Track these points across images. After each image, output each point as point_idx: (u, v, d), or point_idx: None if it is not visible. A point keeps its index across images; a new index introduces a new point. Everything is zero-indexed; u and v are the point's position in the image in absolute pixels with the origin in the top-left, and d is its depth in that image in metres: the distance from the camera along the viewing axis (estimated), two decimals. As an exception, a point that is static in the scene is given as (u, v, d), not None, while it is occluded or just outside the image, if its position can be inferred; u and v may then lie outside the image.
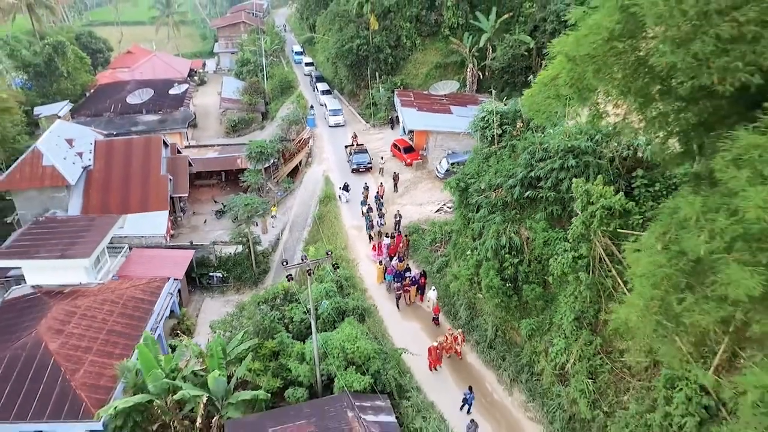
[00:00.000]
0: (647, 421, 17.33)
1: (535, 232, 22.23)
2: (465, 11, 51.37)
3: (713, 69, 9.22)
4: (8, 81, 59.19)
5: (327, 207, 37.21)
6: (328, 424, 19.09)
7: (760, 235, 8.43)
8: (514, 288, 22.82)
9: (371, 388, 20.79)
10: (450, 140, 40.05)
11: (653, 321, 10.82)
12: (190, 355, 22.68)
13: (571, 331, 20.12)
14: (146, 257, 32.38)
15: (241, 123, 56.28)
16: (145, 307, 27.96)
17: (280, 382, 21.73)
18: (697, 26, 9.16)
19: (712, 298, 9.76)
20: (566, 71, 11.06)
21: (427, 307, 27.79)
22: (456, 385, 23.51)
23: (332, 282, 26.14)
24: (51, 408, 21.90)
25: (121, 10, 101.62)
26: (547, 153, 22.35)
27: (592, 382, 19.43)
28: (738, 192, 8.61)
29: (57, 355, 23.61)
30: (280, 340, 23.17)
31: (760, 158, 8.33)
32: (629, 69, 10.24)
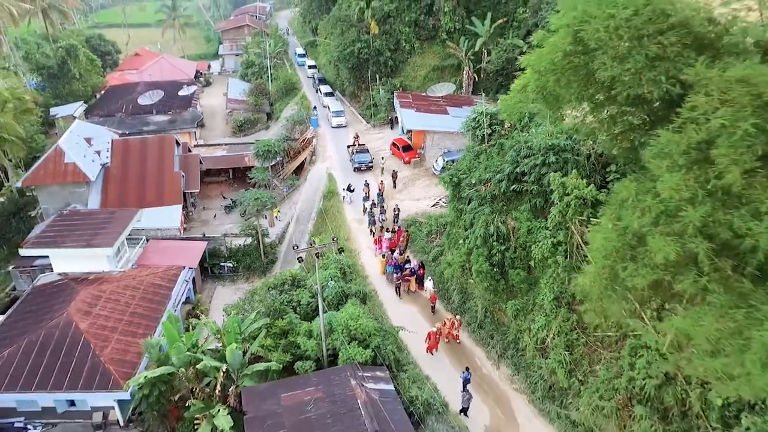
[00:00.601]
0: (615, 385, 19.76)
1: (520, 222, 24.62)
2: (461, 16, 53.81)
3: (644, 81, 11.64)
4: (24, 82, 61.52)
5: (330, 202, 39.65)
6: (333, 390, 21.49)
7: (675, 211, 10.84)
8: (501, 273, 25.21)
9: (372, 360, 23.22)
10: (446, 139, 42.41)
11: (603, 285, 13.24)
12: (208, 332, 25.06)
13: (550, 310, 22.53)
14: (162, 248, 34.79)
15: (246, 123, 58.66)
16: (164, 292, 30.37)
17: (289, 356, 24.08)
18: (631, 47, 11.58)
19: (646, 264, 12.17)
20: (533, 81, 13.46)
21: (426, 295, 30.13)
22: (450, 363, 25.88)
23: (336, 269, 28.56)
24: (83, 380, 24.29)
25: (128, 13, 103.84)
26: (531, 150, 24.70)
27: (569, 354, 21.84)
28: (659, 177, 11.03)
29: (87, 333, 26.01)
30: (289, 320, 25.57)
31: (675, 151, 10.74)
32: (582, 79, 12.65)
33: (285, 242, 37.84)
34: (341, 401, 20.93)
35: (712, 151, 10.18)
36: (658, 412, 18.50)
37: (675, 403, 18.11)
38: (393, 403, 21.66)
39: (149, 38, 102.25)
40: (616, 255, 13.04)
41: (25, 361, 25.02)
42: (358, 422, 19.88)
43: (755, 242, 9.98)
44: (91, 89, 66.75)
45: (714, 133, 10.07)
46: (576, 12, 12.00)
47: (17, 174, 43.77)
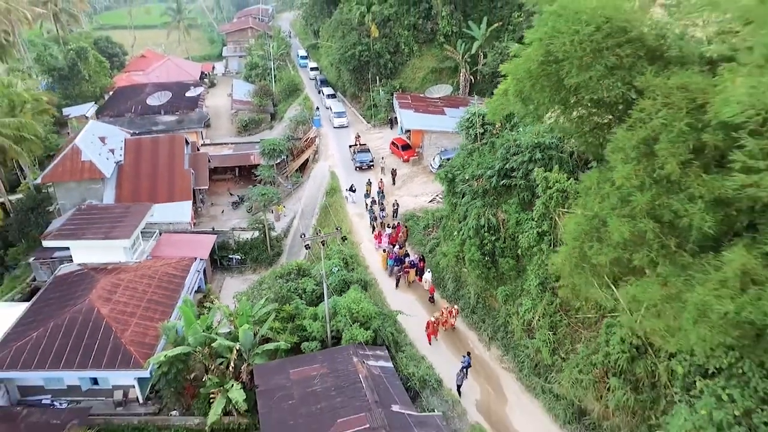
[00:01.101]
0: (592, 361, 21.77)
1: (509, 214, 26.67)
2: (458, 20, 55.77)
3: (604, 86, 13.71)
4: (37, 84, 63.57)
5: (333, 198, 41.71)
6: (337, 366, 23.58)
7: (627, 196, 12.91)
8: (492, 261, 27.24)
9: (372, 341, 25.29)
10: (443, 139, 44.46)
11: (573, 263, 15.30)
12: (221, 315, 27.12)
13: (536, 294, 24.57)
14: (174, 241, 36.86)
15: (251, 123, 60.74)
16: (177, 281, 32.43)
17: (296, 338, 26.14)
18: (593, 58, 13.65)
19: (608, 244, 14.24)
20: (513, 86, 15.52)
21: (425, 286, 32.05)
22: (446, 348, 27.81)
23: (339, 259, 30.62)
24: (106, 359, 26.33)
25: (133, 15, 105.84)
26: (519, 148, 26.74)
27: (553, 334, 23.87)
28: (615, 168, 13.10)
29: (108, 318, 28.07)
30: (296, 306, 27.64)
31: (627, 146, 12.80)
32: (553, 85, 14.71)
33: (290, 236, 39.91)
34: (344, 376, 23.01)
35: (656, 146, 12.24)
36: (630, 383, 20.54)
37: (645, 374, 20.15)
38: (391, 379, 23.76)
39: (154, 39, 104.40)
40: (584, 237, 15.12)
41: (51, 342, 27.07)
42: (359, 394, 21.96)
43: (691, 221, 12.04)
44: (99, 90, 68.94)
45: (657, 131, 12.13)
46: (547, 28, 14.06)
47: (33, 171, 45.84)
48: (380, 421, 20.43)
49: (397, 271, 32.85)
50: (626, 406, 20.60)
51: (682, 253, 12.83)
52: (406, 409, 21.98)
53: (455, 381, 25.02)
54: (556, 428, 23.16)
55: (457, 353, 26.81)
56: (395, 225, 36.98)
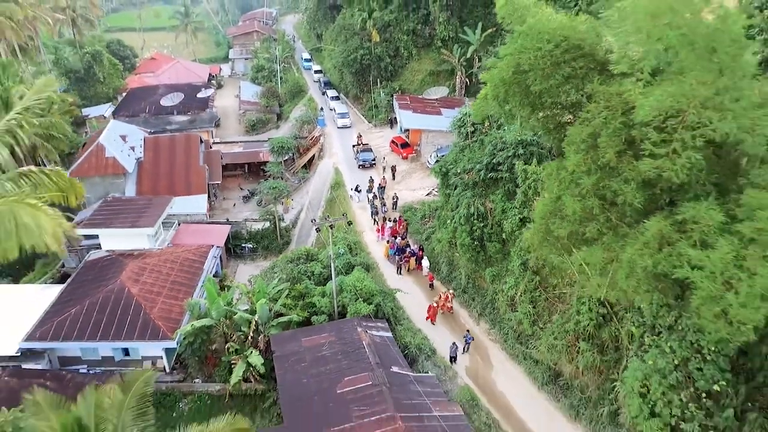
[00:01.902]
0: (565, 328, 25.09)
1: (495, 203, 29.99)
2: (455, 26, 59.06)
3: (561, 92, 17.03)
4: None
5: (337, 192, 45.05)
6: (343, 335, 26.92)
7: (577, 179, 16.24)
8: (480, 245, 30.56)
9: (374, 315, 28.62)
10: (440, 137, 47.75)
11: (540, 237, 18.63)
12: (239, 294, 30.45)
13: (519, 273, 27.89)
14: (192, 230, 40.21)
15: (258, 123, 64.06)
16: (197, 265, 35.74)
17: (306, 313, 29.47)
18: (552, 69, 16.96)
19: (566, 219, 17.56)
20: (491, 91, 18.80)
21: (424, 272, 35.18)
22: (443, 328, 30.89)
23: (344, 245, 33.95)
24: (137, 332, 29.64)
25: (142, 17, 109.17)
26: (504, 145, 30.07)
27: (533, 308, 27.18)
28: (569, 157, 16.44)
29: (138, 296, 31.39)
30: (305, 285, 30.97)
31: (577, 140, 16.12)
32: (522, 91, 18.01)
33: (298, 226, 43.25)
34: (350, 343, 26.35)
35: (598, 140, 15.56)
36: (597, 347, 23.88)
37: (609, 338, 23.51)
38: (391, 346, 27.11)
39: (161, 41, 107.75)
40: (548, 215, 18.44)
41: (88, 317, 30.38)
42: (363, 357, 25.29)
43: (626, 199, 15.35)
44: (113, 91, 72.31)
45: (599, 128, 15.44)
46: (517, 45, 17.36)
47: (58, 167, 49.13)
48: (381, 378, 23.77)
49: (398, 259, 36.10)
50: (593, 366, 23.96)
51: (622, 224, 16.15)
52: (403, 370, 25.32)
53: (449, 353, 28.22)
54: (534, 390, 26.50)
55: (453, 332, 29.96)
56: (396, 218, 40.24)
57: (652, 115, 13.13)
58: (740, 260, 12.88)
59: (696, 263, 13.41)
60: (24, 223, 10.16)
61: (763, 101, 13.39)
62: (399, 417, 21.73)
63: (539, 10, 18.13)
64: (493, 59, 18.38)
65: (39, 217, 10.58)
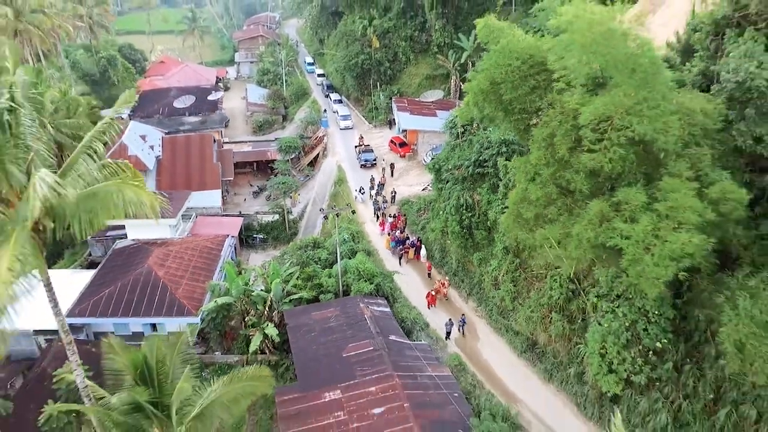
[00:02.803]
0: (540, 302, 28.95)
1: (482, 195, 33.87)
2: (450, 33, 62.88)
3: (528, 101, 20.95)
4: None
5: (340, 187, 48.96)
6: (347, 310, 30.79)
7: (538, 171, 20.16)
8: (469, 233, 34.42)
9: (375, 292, 32.50)
10: (435, 137, 51.57)
11: (512, 219, 22.54)
12: (255, 275, 34.32)
13: (501, 256, 31.77)
14: (208, 222, 44.08)
15: (265, 124, 67.95)
16: (215, 253, 39.58)
17: (315, 292, 33.33)
18: (520, 82, 20.88)
19: (531, 204, 21.48)
20: (472, 99, 22.71)
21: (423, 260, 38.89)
22: (441, 312, 34.57)
23: (347, 233, 37.84)
24: (165, 309, 33.47)
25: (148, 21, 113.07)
26: (490, 144, 33.93)
27: (513, 286, 31.04)
28: (532, 153, 20.36)
29: (164, 278, 35.23)
30: (313, 269, 34.86)
31: (539, 139, 20.03)
32: (497, 99, 21.92)
33: (304, 219, 47.13)
34: (353, 316, 30.24)
35: (555, 139, 19.48)
36: (566, 317, 27.75)
37: (577, 309, 27.38)
38: (389, 319, 31.01)
39: (169, 44, 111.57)
40: (519, 201, 22.36)
41: (120, 297, 34.23)
42: (365, 328, 29.18)
43: (576, 186, 19.26)
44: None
45: (555, 129, 19.36)
46: (492, 61, 21.26)
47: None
48: (381, 344, 27.67)
49: (399, 250, 39.90)
50: (563, 334, 27.86)
51: (574, 206, 20.07)
52: (400, 339, 29.22)
53: (445, 329, 31.98)
54: (515, 357, 30.37)
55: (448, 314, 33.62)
56: (396, 214, 44.04)
57: (590, 120, 17.02)
58: (656, 231, 16.78)
59: (625, 234, 17.30)
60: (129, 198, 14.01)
61: (676, 109, 17.32)
62: (396, 375, 25.62)
63: (511, 33, 22.08)
64: (473, 72, 22.28)
65: (140, 194, 14.42)
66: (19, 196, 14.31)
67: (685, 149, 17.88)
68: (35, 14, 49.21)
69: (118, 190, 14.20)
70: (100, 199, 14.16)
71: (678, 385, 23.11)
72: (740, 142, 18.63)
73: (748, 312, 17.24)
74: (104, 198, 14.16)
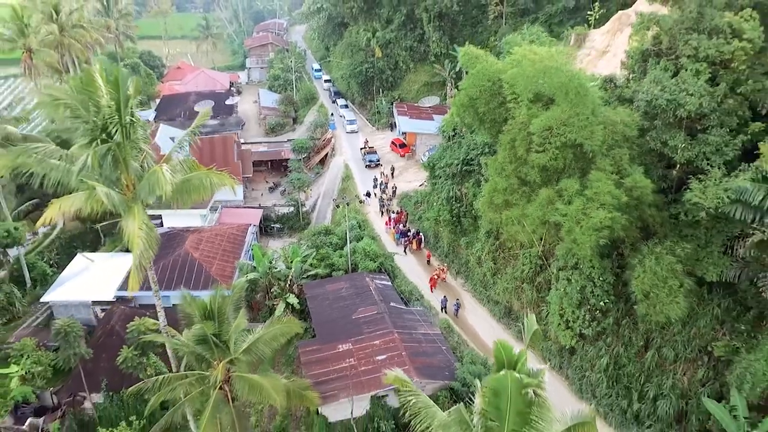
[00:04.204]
0: (515, 276, 35.27)
1: (468, 189, 40.16)
2: (446, 44, 68.98)
3: (497, 113, 27.29)
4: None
5: (347, 183, 55.30)
6: (356, 283, 37.12)
7: (503, 167, 26.50)
8: (458, 221, 40.70)
9: (378, 270, 38.84)
10: (431, 139, 57.85)
11: (486, 204, 28.89)
12: (277, 256, 40.67)
13: (484, 239, 38.06)
14: (233, 213, 50.43)
15: (277, 126, 74.18)
16: (240, 239, 45.91)
17: (328, 269, 39.65)
18: (490, 98, 27.21)
19: (499, 192, 27.82)
20: (455, 111, 29.03)
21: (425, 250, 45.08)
22: (439, 293, 40.78)
23: (355, 221, 44.19)
24: (201, 284, 39.77)
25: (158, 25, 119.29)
26: (476, 145, 40.19)
27: (494, 264, 37.34)
28: (499, 154, 26.73)
29: (199, 259, 41.56)
30: (326, 251, 41.19)
31: (504, 143, 26.37)
32: (474, 111, 28.27)
33: (315, 211, 53.42)
34: (360, 288, 36.57)
35: (515, 143, 25.79)
36: (535, 287, 34.03)
37: (543, 280, 33.69)
38: (390, 290, 37.34)
39: (182, 48, 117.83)
40: (492, 190, 28.69)
41: (163, 274, 40.53)
42: (370, 297, 35.48)
43: (531, 178, 25.57)
44: (147, 98, 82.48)
45: (515, 135, 25.68)
46: (469, 82, 27.59)
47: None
48: (383, 309, 33.98)
49: (403, 241, 46.09)
50: (533, 301, 34.17)
51: (531, 194, 26.38)
52: (400, 306, 35.53)
53: (440, 305, 38.16)
54: (494, 322, 36.64)
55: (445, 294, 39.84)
56: (399, 210, 50.20)
57: (538, 129, 23.34)
58: (585, 210, 23.06)
59: (563, 212, 23.60)
60: (215, 182, 20.32)
61: (602, 121, 23.63)
62: (395, 332, 31.93)
63: (485, 59, 28.43)
64: (455, 90, 28.61)
65: (222, 179, 20.73)
66: (134, 183, 20.66)
67: (610, 150, 24.18)
68: (76, 29, 55.50)
69: (206, 176, 20.63)
70: (193, 183, 20.56)
71: (618, 336, 29.50)
72: (653, 145, 24.96)
73: (653, 269, 23.53)
74: (197, 182, 20.56)
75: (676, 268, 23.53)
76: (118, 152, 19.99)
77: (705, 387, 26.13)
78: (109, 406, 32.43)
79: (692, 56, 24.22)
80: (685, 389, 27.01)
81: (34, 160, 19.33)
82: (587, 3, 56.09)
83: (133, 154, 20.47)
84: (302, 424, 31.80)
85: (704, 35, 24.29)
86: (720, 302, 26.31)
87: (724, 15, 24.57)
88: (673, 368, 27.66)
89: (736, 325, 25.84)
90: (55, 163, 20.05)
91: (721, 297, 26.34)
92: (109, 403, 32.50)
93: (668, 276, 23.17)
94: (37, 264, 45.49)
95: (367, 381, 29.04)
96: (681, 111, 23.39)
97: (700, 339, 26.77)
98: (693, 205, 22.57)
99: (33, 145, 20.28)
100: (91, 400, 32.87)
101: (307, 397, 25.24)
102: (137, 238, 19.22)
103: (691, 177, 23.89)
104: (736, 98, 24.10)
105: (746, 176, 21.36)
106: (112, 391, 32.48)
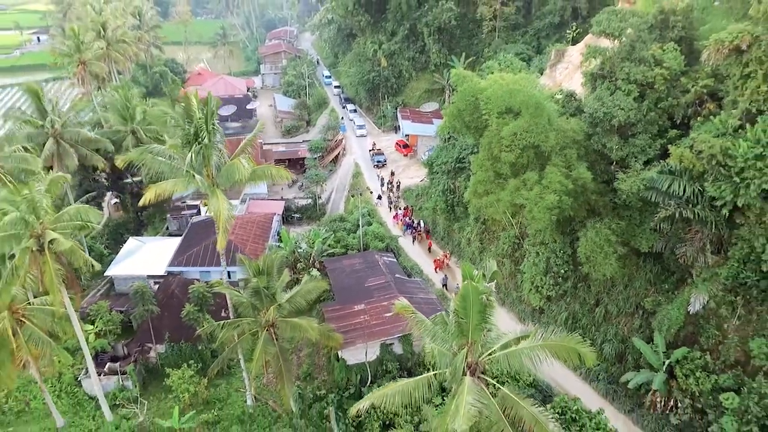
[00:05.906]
0: (497, 252, 43.20)
1: (461, 182, 48.08)
2: (444, 54, 76.70)
3: (479, 122, 35.29)
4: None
5: (357, 179, 63.33)
6: (367, 259, 45.13)
7: (483, 163, 34.53)
8: (452, 209, 48.67)
9: (385, 249, 46.85)
10: (431, 141, 65.67)
11: (471, 193, 36.91)
12: (301, 238, 48.73)
13: (473, 224, 46.06)
14: (259, 203, 58.51)
15: (293, 128, 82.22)
16: (267, 225, 53.96)
17: (344, 249, 47.64)
18: (473, 110, 35.22)
19: (480, 183, 35.83)
20: (447, 120, 36.98)
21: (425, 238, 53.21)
22: (441, 273, 49.00)
23: (365, 210, 52.22)
24: (237, 262, 47.72)
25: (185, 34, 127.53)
26: (468, 146, 48.15)
27: (480, 243, 45.34)
28: (480, 153, 34.74)
29: (234, 241, 49.55)
30: (341, 234, 49.23)
31: (484, 145, 34.37)
32: (462, 121, 36.24)
33: (330, 203, 61.48)
34: (371, 263, 44.55)
35: (492, 144, 33.78)
36: (513, 262, 42.03)
37: (520, 255, 41.65)
38: (396, 265, 45.34)
39: (198, 53, 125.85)
40: (476, 182, 36.67)
41: (205, 253, 48.63)
42: (379, 270, 43.45)
43: (504, 172, 33.57)
44: (172, 102, 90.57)
45: (492, 138, 33.67)
46: (458, 96, 35.55)
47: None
48: (390, 279, 41.93)
49: (410, 232, 53.96)
50: (511, 273, 42.13)
51: (504, 183, 34.34)
52: (403, 277, 43.54)
53: (441, 282, 46.15)
54: (481, 291, 44.55)
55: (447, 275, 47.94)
56: (406, 206, 58.04)
57: (507, 135, 31.31)
58: (541, 195, 30.97)
59: (526, 197, 31.52)
60: (273, 173, 28.31)
61: (556, 128, 31.58)
62: (400, 296, 39.82)
63: (470, 79, 36.35)
64: (446, 104, 36.61)
65: (280, 171, 28.81)
66: (212, 173, 28.75)
67: (562, 150, 32.12)
68: (119, 44, 63.66)
69: (268, 168, 28.66)
70: (257, 173, 28.64)
71: (575, 297, 37.44)
72: (596, 146, 32.92)
73: (593, 239, 31.47)
74: (261, 173, 28.65)
75: (611, 238, 31.43)
76: (205, 151, 28.01)
77: (638, 333, 34.01)
78: (170, 354, 40.47)
79: (625, 79, 32.15)
80: (625, 336, 34.90)
81: (149, 157, 27.42)
82: (571, 19, 64.02)
83: (212, 152, 28.48)
84: (324, 370, 39.91)
85: (634, 63, 32.23)
86: (651, 268, 34.18)
87: (650, 48, 32.49)
88: (617, 320, 35.59)
89: (662, 285, 33.75)
90: (160, 159, 28.14)
91: (652, 264, 34.20)
92: (171, 352, 40.54)
93: (604, 244, 31.10)
94: (94, 246, 53.58)
95: (377, 331, 36.99)
96: (614, 121, 31.33)
97: (636, 297, 34.66)
98: (621, 190, 30.52)
99: (152, 146, 28.36)
100: (156, 350, 40.95)
101: (333, 337, 33.22)
102: (223, 210, 27.17)
103: (624, 171, 31.85)
104: (658, 111, 32.01)
105: (656, 169, 29.25)
106: (173, 342, 40.52)
